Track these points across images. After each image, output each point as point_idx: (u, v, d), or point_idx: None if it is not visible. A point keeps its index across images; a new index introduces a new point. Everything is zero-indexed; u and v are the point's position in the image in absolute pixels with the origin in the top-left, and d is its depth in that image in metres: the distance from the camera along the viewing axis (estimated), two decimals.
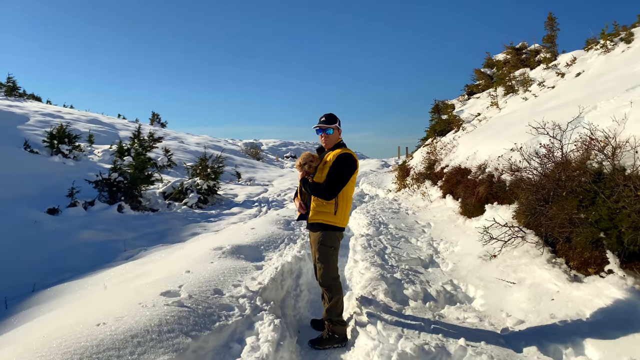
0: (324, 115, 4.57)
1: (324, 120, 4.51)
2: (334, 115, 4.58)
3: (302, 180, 4.48)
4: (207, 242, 7.42)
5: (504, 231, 6.38)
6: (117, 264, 8.34)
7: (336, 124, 4.54)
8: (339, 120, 4.61)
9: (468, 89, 21.30)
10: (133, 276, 6.30)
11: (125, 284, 5.78)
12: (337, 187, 4.27)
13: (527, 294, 4.93)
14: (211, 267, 5.44)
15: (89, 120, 26.41)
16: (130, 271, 6.97)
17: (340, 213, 4.38)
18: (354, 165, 4.39)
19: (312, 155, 4.50)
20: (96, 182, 12.84)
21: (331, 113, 4.58)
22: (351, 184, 4.46)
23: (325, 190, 4.25)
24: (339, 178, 4.27)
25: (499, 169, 8.52)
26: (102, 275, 7.30)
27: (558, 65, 15.26)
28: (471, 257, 6.62)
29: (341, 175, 4.28)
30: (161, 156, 20.30)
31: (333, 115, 4.57)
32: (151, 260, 7.62)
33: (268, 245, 6.88)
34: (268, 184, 21.78)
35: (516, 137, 9.11)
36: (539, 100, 12.76)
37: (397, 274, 5.91)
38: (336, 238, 4.45)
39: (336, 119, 4.57)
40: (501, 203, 8.12)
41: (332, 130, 4.50)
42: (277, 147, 41.87)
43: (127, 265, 7.72)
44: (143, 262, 7.71)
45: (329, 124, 4.49)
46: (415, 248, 7.52)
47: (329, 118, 4.52)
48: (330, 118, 4.53)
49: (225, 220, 13.36)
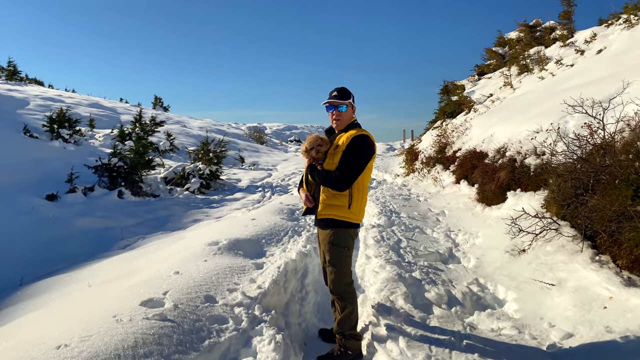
0: (335, 89, 3.77)
1: (335, 95, 3.71)
2: (347, 89, 3.78)
3: (309, 168, 3.70)
4: (203, 234, 6.67)
5: (534, 222, 5.60)
6: (112, 254, 7.82)
7: (350, 99, 3.75)
8: (353, 95, 3.81)
9: (478, 69, 20.31)
10: (120, 274, 5.62)
11: (109, 285, 5.08)
12: (352, 175, 3.49)
13: (571, 299, 4.15)
14: (204, 267, 4.68)
15: (90, 104, 25.79)
16: (120, 266, 6.31)
17: (355, 207, 3.60)
18: (372, 149, 3.61)
19: (320, 138, 3.69)
20: (96, 167, 12.31)
21: (344, 87, 3.78)
22: (368, 171, 3.67)
23: (338, 180, 3.47)
24: (353, 165, 3.49)
25: (522, 153, 7.71)
26: (93, 269, 6.74)
27: (576, 42, 14.31)
28: (497, 252, 5.84)
29: (356, 162, 3.50)
30: (163, 140, 19.64)
31: (346, 90, 3.77)
32: (145, 253, 6.95)
33: (270, 239, 6.11)
34: (272, 169, 21.18)
35: (539, 117, 8.29)
36: (558, 79, 11.87)
37: (416, 272, 5.14)
38: (350, 237, 3.67)
39: (350, 93, 3.77)
40: (525, 190, 7.32)
41: (345, 107, 3.70)
42: (281, 131, 40.93)
43: (120, 257, 7.16)
44: (137, 254, 7.06)
45: (342, 99, 3.69)
46: (432, 240, 6.74)
47: (341, 92, 3.72)
48: (343, 92, 3.73)
49: (228, 206, 12.84)
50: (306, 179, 3.83)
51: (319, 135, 3.72)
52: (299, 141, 37.74)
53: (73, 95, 29.05)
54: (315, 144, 3.62)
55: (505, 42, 19.56)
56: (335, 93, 3.71)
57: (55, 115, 14.66)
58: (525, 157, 7.58)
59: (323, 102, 3.76)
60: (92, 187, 11.82)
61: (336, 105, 3.68)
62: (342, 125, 3.73)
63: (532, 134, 7.79)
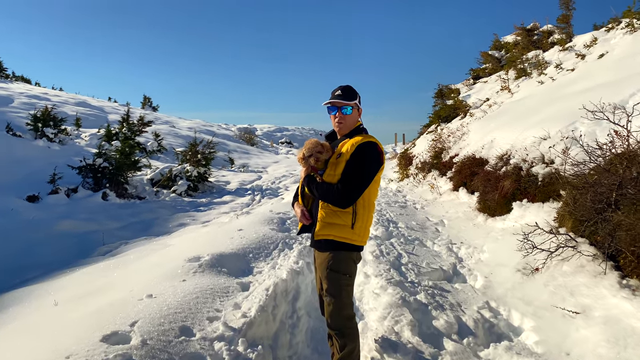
0: (339, 87, 3.17)
1: (339, 95, 3.12)
2: (352, 88, 3.19)
3: (307, 179, 3.10)
4: (185, 245, 6.05)
5: (548, 238, 5.05)
6: (91, 261, 7.28)
7: (356, 100, 3.16)
8: (359, 95, 3.23)
9: (474, 73, 19.78)
10: (92, 289, 5.01)
11: (76, 304, 4.46)
12: (357, 189, 2.90)
13: (601, 332, 3.59)
14: (182, 289, 4.06)
15: (77, 103, 25.17)
16: (94, 279, 5.70)
17: (360, 226, 3.01)
18: (380, 159, 3.02)
19: (320, 143, 3.09)
20: (80, 168, 11.80)
21: (349, 85, 3.20)
22: (375, 185, 3.09)
23: (340, 194, 2.88)
24: (359, 177, 2.90)
25: (528, 160, 7.18)
26: (67, 280, 6.18)
27: (574, 46, 13.85)
28: (506, 270, 5.29)
29: (362, 173, 2.92)
30: (151, 141, 19.12)
31: (352, 89, 3.18)
32: (123, 263, 6.36)
33: (258, 253, 5.49)
34: (262, 171, 20.68)
35: (544, 123, 7.77)
36: (559, 83, 11.38)
37: (421, 294, 4.56)
38: (352, 261, 3.08)
39: (356, 93, 3.19)
40: (532, 200, 6.79)
41: (350, 109, 3.11)
42: (272, 132, 40.23)
43: (97, 267, 6.56)
44: (115, 264, 6.47)
45: (346, 100, 3.10)
46: (434, 254, 6.17)
47: (346, 92, 3.13)
48: (348, 92, 3.14)
49: (216, 210, 12.34)
50: (302, 192, 3.24)
51: (318, 141, 3.12)
52: (290, 143, 37.09)
53: (60, 93, 28.37)
54: (315, 151, 3.03)
55: (502, 46, 19.10)
56: (339, 92, 3.13)
57: (40, 113, 14.04)
58: (532, 165, 7.05)
59: (324, 102, 3.17)
60: (76, 188, 11.33)
61: (339, 106, 3.10)
62: (346, 130, 3.14)
63: (539, 141, 7.27)
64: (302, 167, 3.15)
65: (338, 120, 3.12)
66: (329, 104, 3.14)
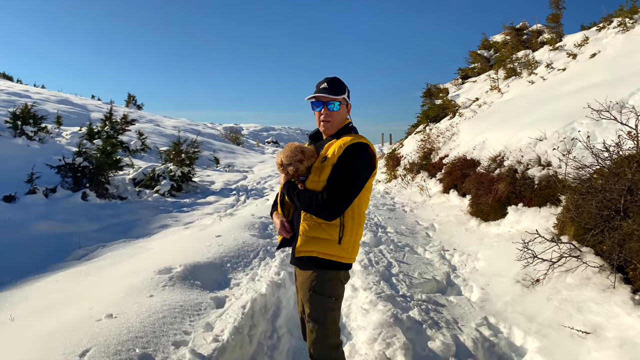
0: (325, 79, 2.71)
1: (325, 88, 2.66)
2: (340, 81, 2.73)
3: (287, 186, 2.64)
4: (160, 250, 5.55)
5: (549, 247, 4.66)
6: (64, 266, 6.83)
7: (344, 94, 2.71)
8: (348, 89, 2.78)
9: (462, 72, 19.44)
10: (55, 301, 4.58)
11: (33, 320, 3.98)
12: (345, 198, 2.46)
13: (617, 356, 3.18)
14: (148, 306, 3.58)
15: (59, 100, 24.55)
16: (62, 289, 5.28)
17: (349, 241, 2.57)
18: (372, 163, 2.58)
19: (301, 150, 2.62)
20: (59, 167, 11.27)
21: (336, 77, 2.74)
22: (366, 193, 2.64)
23: (325, 205, 2.43)
24: (347, 184, 2.46)
25: (523, 162, 6.79)
26: (34, 289, 5.73)
27: (565, 46, 13.56)
28: (504, 281, 4.88)
29: (351, 180, 2.47)
30: (134, 140, 18.67)
31: (340, 81, 2.72)
32: (97, 269, 5.94)
33: (237, 262, 5.01)
34: (248, 171, 20.25)
35: (539, 123, 7.40)
36: (550, 83, 11.05)
37: (414, 310, 4.11)
38: (339, 282, 2.63)
39: (345, 87, 2.73)
40: (528, 205, 6.40)
41: (338, 104, 2.66)
42: (258, 132, 39.63)
43: (69, 273, 5.99)
44: (87, 270, 6.04)
45: (333, 94, 2.65)
46: (426, 263, 5.74)
47: (333, 85, 2.68)
48: (335, 85, 2.68)
49: (200, 211, 11.89)
50: (282, 200, 2.78)
51: (300, 146, 2.65)
52: (277, 143, 36.56)
53: (41, 91, 27.64)
54: (294, 159, 2.57)
55: (491, 45, 18.79)
56: (325, 85, 2.66)
57: (19, 111, 13.50)
58: (528, 167, 6.67)
59: (308, 96, 2.71)
60: (55, 188, 10.83)
61: (325, 102, 2.64)
62: (333, 130, 2.69)
63: (534, 142, 6.89)
64: (280, 173, 2.70)
65: (324, 118, 2.66)
66: (313, 99, 2.69)
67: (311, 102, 2.70)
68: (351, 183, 2.47)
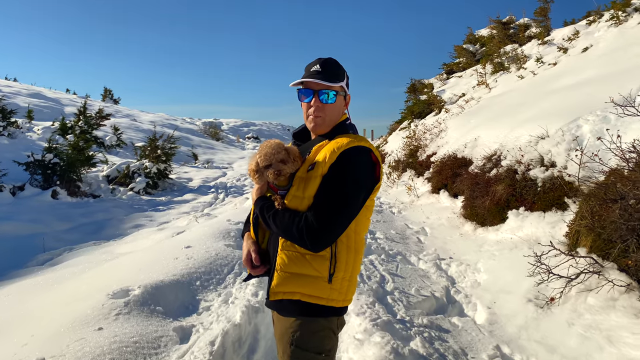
0: (318, 61, 2.00)
1: (317, 72, 1.95)
2: (338, 64, 2.02)
3: (260, 203, 1.94)
4: (117, 270, 4.79)
5: (564, 260, 4.05)
6: (22, 273, 6.29)
7: (343, 82, 1.99)
8: (347, 75, 2.06)
9: (447, 67, 18.88)
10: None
11: None
12: (339, 221, 1.77)
13: None
14: (94, 344, 2.85)
15: (31, 94, 23.59)
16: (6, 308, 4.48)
17: (343, 278, 1.89)
18: (375, 172, 1.89)
19: (284, 148, 1.90)
20: (27, 164, 10.62)
21: (332, 59, 2.01)
22: (366, 213, 1.95)
23: (312, 231, 1.73)
24: (342, 202, 1.76)
25: (524, 162, 6.20)
26: None
27: (553, 40, 13.09)
28: (513, 299, 4.25)
29: (348, 196, 1.78)
30: (110, 135, 17.97)
31: (337, 65, 2.01)
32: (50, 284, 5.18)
33: (208, 279, 4.28)
34: (227, 167, 19.64)
35: (538, 120, 6.84)
36: (541, 78, 10.52)
37: (416, 340, 3.44)
38: (331, 332, 1.93)
39: (343, 71, 2.02)
40: (530, 209, 5.81)
41: (333, 95, 1.94)
42: (239, 127, 38.57)
43: (23, 285, 5.31)
44: (44, 282, 5.38)
45: (328, 81, 1.92)
46: (422, 275, 5.09)
47: (329, 68, 1.97)
48: (332, 68, 1.97)
49: (176, 210, 11.40)
50: (255, 219, 2.07)
51: (281, 144, 1.93)
52: (257, 138, 35.65)
53: (12, 84, 26.50)
54: (275, 159, 1.86)
55: (476, 39, 18.23)
56: (317, 68, 1.95)
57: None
58: (529, 167, 6.07)
59: (294, 82, 1.99)
60: (23, 185, 10.24)
61: (317, 90, 1.93)
62: (325, 127, 1.98)
63: (536, 140, 6.29)
64: (254, 183, 1.99)
65: (314, 112, 1.95)
66: (301, 86, 1.97)
67: (298, 90, 1.99)
68: (347, 201, 1.78)
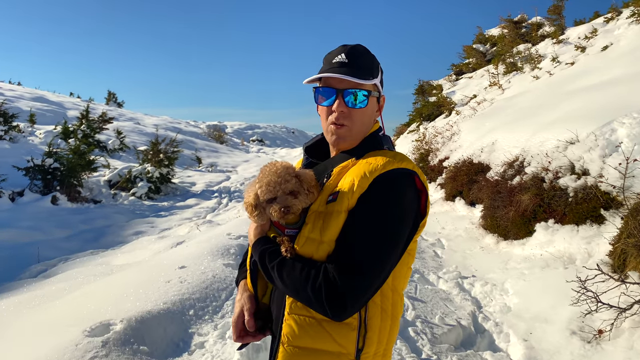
0: (343, 48, 1.37)
1: (343, 63, 1.34)
2: (370, 53, 1.41)
3: (259, 247, 1.36)
4: (102, 294, 4.23)
5: (613, 286, 3.46)
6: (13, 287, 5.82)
7: (377, 78, 1.39)
8: (381, 69, 1.44)
9: (456, 68, 18.28)
10: None
11: None
12: (370, 279, 1.19)
13: None
14: None
15: (34, 98, 23.40)
16: None
17: (375, 353, 1.31)
18: (420, 205, 1.31)
19: (291, 173, 1.29)
20: (27, 169, 10.35)
21: (362, 46, 1.40)
22: (407, 260, 1.36)
23: (333, 292, 1.16)
24: (377, 248, 1.18)
25: (552, 169, 5.61)
26: None
27: (568, 39, 12.50)
28: (554, 330, 3.66)
29: (386, 240, 1.20)
30: (112, 138, 17.62)
31: (368, 54, 1.40)
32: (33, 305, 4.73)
33: (203, 307, 3.72)
34: (232, 170, 19.19)
35: (564, 123, 6.27)
36: (559, 78, 9.93)
37: None
38: None
39: (377, 64, 1.42)
40: (561, 222, 5.22)
41: (364, 96, 1.34)
42: (243, 130, 38.02)
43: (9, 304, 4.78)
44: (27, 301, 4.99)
45: (358, 76, 1.32)
46: (444, 298, 4.51)
47: (358, 57, 1.36)
48: (362, 59, 1.37)
49: (178, 215, 11.09)
50: (253, 265, 1.48)
51: (290, 168, 1.33)
52: (262, 141, 35.11)
53: (15, 87, 26.24)
54: (282, 190, 1.26)
55: (486, 39, 17.61)
56: (341, 58, 1.36)
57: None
58: (558, 176, 5.48)
59: (310, 77, 1.40)
60: (22, 191, 10.00)
61: (342, 89, 1.34)
62: (351, 141, 1.38)
63: (564, 145, 5.70)
64: (251, 219, 1.40)
65: (338, 119, 1.36)
66: (318, 84, 1.39)
67: (314, 90, 1.41)
68: (384, 247, 1.22)
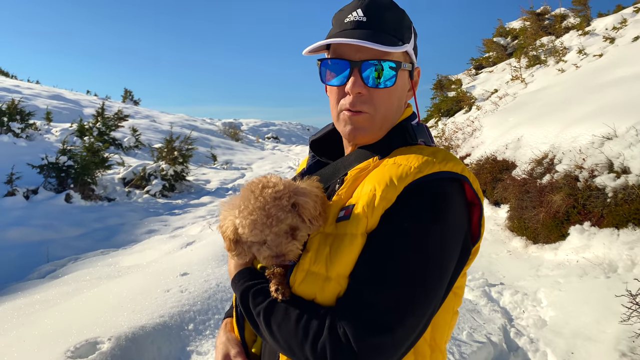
0: (360, 2, 0.92)
1: (360, 23, 0.88)
2: (398, 7, 0.94)
3: (241, 284, 0.94)
4: (96, 299, 3.88)
5: None
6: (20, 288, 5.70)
7: (409, 43, 0.92)
8: (415, 30, 0.97)
9: (475, 62, 17.66)
10: None
11: None
12: (400, 332, 0.77)
13: None
14: None
15: (51, 96, 23.37)
16: None
17: None
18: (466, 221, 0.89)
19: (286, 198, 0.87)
20: (41, 167, 10.33)
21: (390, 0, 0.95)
22: (454, 302, 0.94)
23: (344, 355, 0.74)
24: (409, 289, 0.76)
25: (586, 167, 5.11)
26: None
27: (594, 31, 11.87)
28: (600, 349, 3.20)
29: (424, 278, 0.78)
30: (128, 136, 17.58)
31: (397, 8, 0.93)
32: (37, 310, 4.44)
33: (204, 320, 3.33)
34: (247, 168, 19.01)
35: (598, 117, 5.79)
36: (587, 71, 9.34)
37: None
38: None
39: (409, 23, 0.95)
40: (598, 225, 4.72)
41: (391, 69, 0.88)
42: (258, 127, 37.75)
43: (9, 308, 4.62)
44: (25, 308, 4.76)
45: (382, 42, 0.86)
46: (470, 310, 4.07)
47: (382, 13, 0.89)
48: (388, 15, 0.90)
49: (192, 213, 10.91)
50: (239, 317, 1.07)
51: (284, 188, 0.90)
52: (277, 138, 34.81)
53: (33, 86, 26.31)
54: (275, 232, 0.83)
55: (507, 32, 16.93)
56: (357, 15, 0.90)
57: (6, 106, 12.49)
58: (594, 174, 4.98)
59: (311, 46, 0.95)
60: (36, 189, 10.00)
61: (359, 62, 0.89)
62: (373, 133, 0.95)
63: (601, 140, 5.19)
64: (230, 257, 0.99)
65: (353, 103, 0.92)
66: (326, 52, 0.97)
67: (321, 63, 0.99)
68: (418, 291, 0.79)
